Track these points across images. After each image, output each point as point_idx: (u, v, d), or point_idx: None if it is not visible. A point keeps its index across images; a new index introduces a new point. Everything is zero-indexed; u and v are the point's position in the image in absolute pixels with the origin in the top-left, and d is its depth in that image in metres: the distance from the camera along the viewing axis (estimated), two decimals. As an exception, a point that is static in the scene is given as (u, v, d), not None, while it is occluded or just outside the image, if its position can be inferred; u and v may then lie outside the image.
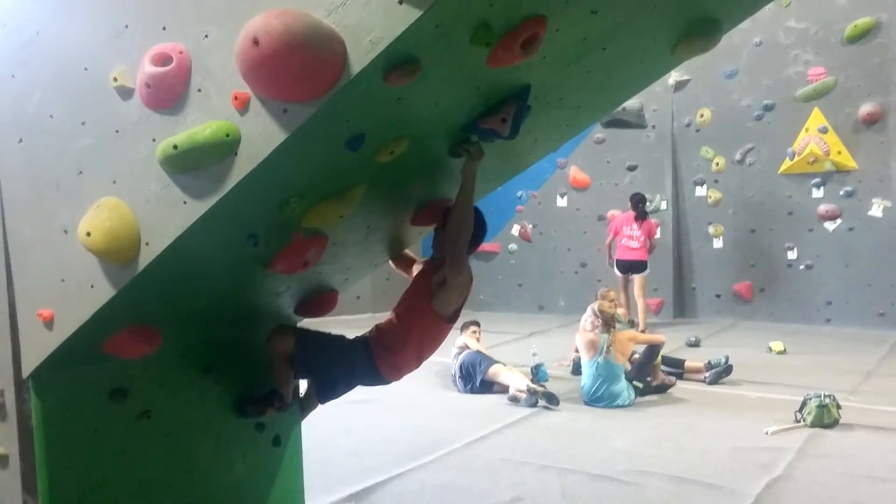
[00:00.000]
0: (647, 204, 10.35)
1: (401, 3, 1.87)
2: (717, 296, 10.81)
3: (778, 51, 10.11)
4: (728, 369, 6.82)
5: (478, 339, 7.41)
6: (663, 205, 11.04)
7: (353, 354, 3.37)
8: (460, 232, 3.05)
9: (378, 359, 3.32)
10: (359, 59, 1.95)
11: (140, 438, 2.97)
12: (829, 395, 5.37)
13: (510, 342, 9.02)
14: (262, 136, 2.09)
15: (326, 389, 3.59)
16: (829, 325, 9.81)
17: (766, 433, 5.15)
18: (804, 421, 5.31)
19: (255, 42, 1.92)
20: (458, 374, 6.85)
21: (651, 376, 6.40)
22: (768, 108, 10.26)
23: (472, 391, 6.68)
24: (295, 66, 1.92)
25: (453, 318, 3.38)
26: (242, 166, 2.13)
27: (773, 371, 7.21)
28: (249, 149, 2.11)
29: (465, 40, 2.11)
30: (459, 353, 7.02)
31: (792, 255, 10.20)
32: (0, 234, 2.58)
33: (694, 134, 10.88)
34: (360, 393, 6.42)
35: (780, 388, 6.46)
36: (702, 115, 10.75)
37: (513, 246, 12.18)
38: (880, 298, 9.58)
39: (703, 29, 2.91)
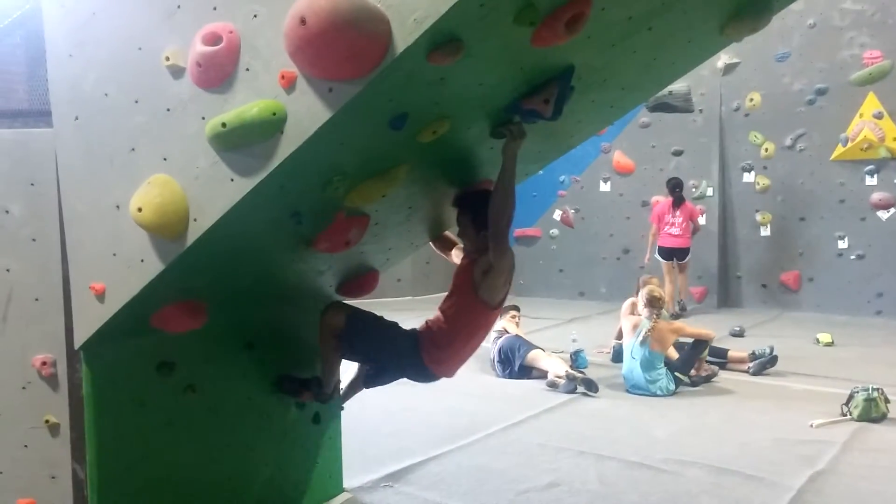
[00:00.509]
0: (693, 189, 10.20)
1: (446, -19, 1.87)
2: (763, 285, 10.58)
3: (832, 33, 9.80)
4: (773, 360, 6.69)
5: (517, 324, 7.39)
6: (709, 191, 10.82)
7: (401, 344, 3.33)
8: (503, 214, 3.01)
9: (425, 353, 3.28)
10: (403, 38, 1.96)
11: (185, 412, 3.05)
12: (878, 389, 5.24)
13: (550, 328, 8.99)
14: (307, 114, 2.12)
15: (373, 374, 3.62)
16: (879, 317, 9.54)
17: (811, 426, 5.05)
18: (850, 414, 5.19)
19: (303, 21, 1.94)
20: (496, 359, 6.85)
21: (694, 368, 6.32)
22: (821, 93, 9.95)
23: (511, 376, 6.69)
24: (341, 46, 1.94)
25: (500, 304, 3.34)
26: (288, 144, 2.16)
27: (819, 363, 7.05)
28: (295, 127, 2.14)
29: (510, 19, 2.10)
30: (498, 338, 7.02)
31: (842, 244, 9.92)
32: (56, 208, 2.67)
33: (742, 118, 10.63)
34: (399, 374, 6.56)
35: (826, 380, 6.31)
36: (751, 100, 10.48)
37: (554, 231, 12.09)
38: (934, 291, 9.28)
39: (754, 8, 2.85)
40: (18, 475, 2.77)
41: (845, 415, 5.22)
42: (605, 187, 11.73)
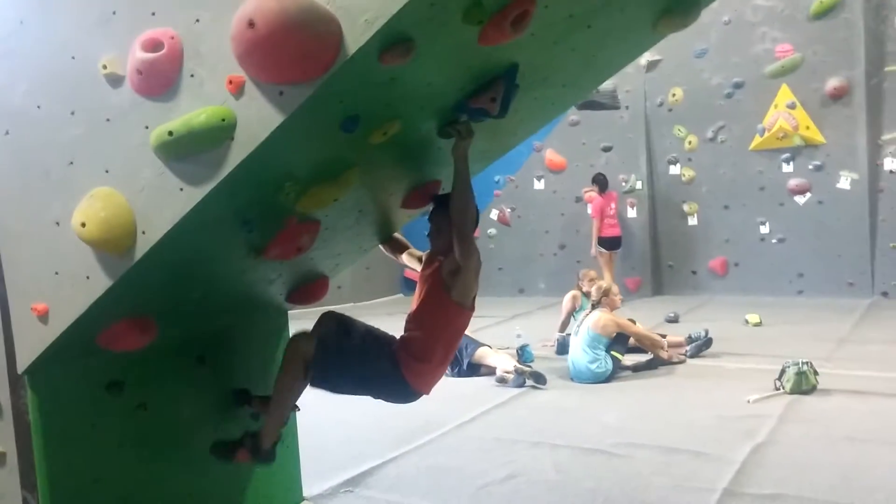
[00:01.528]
0: (623, 183, 10.63)
1: (396, -19, 1.88)
2: (693, 272, 10.97)
3: (746, 29, 10.24)
4: (708, 342, 6.95)
5: (462, 323, 7.44)
6: (638, 184, 11.16)
7: (381, 367, 3.16)
8: (465, 213, 3.01)
9: (406, 369, 3.16)
10: (355, 40, 1.95)
11: (137, 431, 2.96)
12: (807, 363, 5.50)
13: (493, 325, 9.08)
14: (258, 119, 2.08)
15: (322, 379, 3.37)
16: (801, 296, 10.02)
17: (748, 401, 5.27)
18: (783, 388, 5.44)
19: (251, 24, 1.91)
20: (443, 359, 6.87)
21: (665, 353, 6.56)
22: (738, 86, 10.39)
23: (459, 375, 6.72)
24: (291, 48, 1.92)
25: (473, 305, 3.27)
26: (239, 151, 2.13)
27: (750, 342, 7.36)
28: (246, 133, 2.11)
29: (458, 19, 2.12)
30: (444, 338, 7.04)
31: (764, 229, 10.38)
32: (-12, 228, 2.55)
33: (666, 113, 10.99)
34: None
35: (758, 358, 6.59)
36: (674, 95, 10.86)
37: (492, 230, 12.22)
38: (849, 269, 9.81)
39: (683, 5, 2.95)
40: (-39, 510, 2.64)
41: (778, 389, 5.47)
42: (539, 185, 11.94)
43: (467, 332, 6.98)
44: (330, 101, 2.13)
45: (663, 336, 7.06)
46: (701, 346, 6.93)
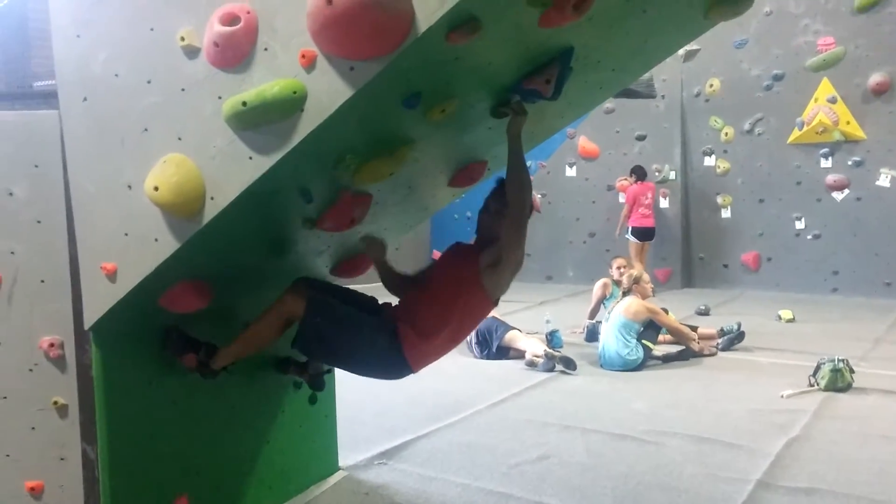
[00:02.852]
0: (656, 173, 10.65)
1: (469, -38, 1.94)
2: (725, 265, 10.92)
3: (788, 20, 10.12)
4: (740, 336, 6.95)
5: (492, 306, 7.51)
6: (672, 174, 11.11)
7: (375, 341, 2.96)
8: (522, 192, 2.90)
9: (407, 345, 2.95)
10: (426, 18, 2.01)
11: (189, 391, 3.08)
12: (843, 360, 5.50)
13: (521, 310, 9.14)
14: (328, 93, 2.16)
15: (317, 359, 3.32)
16: (835, 294, 9.95)
17: (782, 396, 5.28)
18: (818, 385, 5.44)
19: (329, 1, 1.98)
20: (474, 340, 6.96)
21: (697, 345, 6.60)
22: (778, 78, 10.28)
23: (489, 357, 6.81)
24: (366, 25, 1.99)
25: (498, 300, 3.14)
26: (308, 122, 2.20)
27: (783, 338, 7.34)
28: (316, 105, 2.18)
29: (523, 1, 2.18)
30: (475, 320, 7.13)
31: (800, 224, 10.30)
32: (62, 190, 2.66)
33: (703, 104, 10.91)
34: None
35: (791, 354, 6.59)
36: (711, 85, 10.78)
37: (521, 216, 12.24)
38: (886, 268, 9.71)
39: (737, -8, 2.97)
40: (26, 457, 2.77)
41: (813, 385, 5.47)
42: (570, 172, 11.93)
43: (496, 314, 7.19)
44: (397, 78, 2.20)
45: (694, 328, 7.07)
46: (733, 339, 6.93)
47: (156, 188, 2.38)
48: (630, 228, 10.22)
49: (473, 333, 6.95)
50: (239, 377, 3.33)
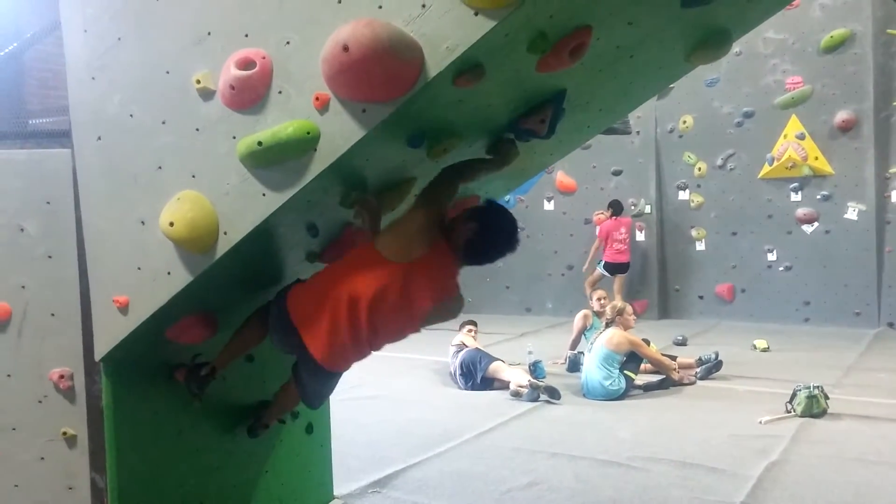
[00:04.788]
0: (632, 207, 10.94)
1: (476, 14, 2.09)
2: (700, 297, 11.15)
3: (757, 60, 10.51)
4: (718, 364, 7.11)
5: (474, 338, 7.62)
6: (647, 208, 11.37)
7: (273, 312, 2.83)
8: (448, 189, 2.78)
9: (291, 299, 2.77)
10: (435, 64, 2.16)
11: (192, 421, 3.14)
12: (818, 387, 5.68)
13: (502, 342, 9.25)
14: (341, 133, 2.29)
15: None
16: (807, 324, 10.19)
17: (760, 422, 5.44)
18: (795, 411, 5.61)
19: (345, 48, 2.12)
20: (458, 372, 7.04)
21: (676, 374, 6.76)
22: (748, 116, 10.64)
23: (474, 388, 6.88)
24: (380, 71, 2.13)
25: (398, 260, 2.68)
26: (321, 161, 2.33)
27: (759, 367, 7.53)
28: (328, 145, 2.31)
29: (524, 48, 2.34)
30: (458, 351, 7.23)
31: (772, 256, 10.58)
32: (73, 225, 2.75)
33: (677, 140, 11.24)
34: (365, 389, 6.69)
35: (767, 381, 6.76)
36: (684, 122, 11.11)
37: (501, 249, 12.40)
38: (856, 298, 9.99)
39: (716, 38, 3.17)
40: (35, 487, 2.81)
41: (790, 412, 5.64)
42: (549, 206, 12.15)
43: (480, 346, 7.29)
44: (405, 119, 2.34)
45: (673, 358, 7.23)
46: (711, 368, 7.09)
47: (171, 224, 2.48)
48: (603, 263, 10.44)
49: (458, 365, 7.04)
50: (240, 408, 3.40)
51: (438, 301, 2.77)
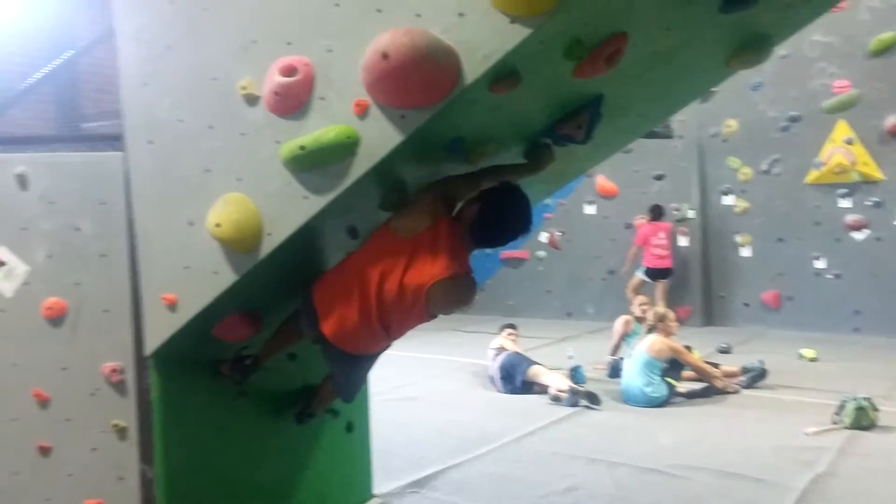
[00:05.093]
0: (674, 212, 10.85)
1: (512, 22, 2.14)
2: (746, 304, 10.96)
3: (803, 63, 10.31)
4: (763, 373, 6.99)
5: (514, 342, 7.63)
6: (690, 213, 11.24)
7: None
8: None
9: (316, 286, 2.85)
10: (472, 71, 2.22)
11: (236, 416, 3.25)
12: (867, 398, 5.54)
13: (542, 346, 9.22)
14: (380, 138, 2.36)
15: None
16: (857, 333, 9.93)
17: (806, 433, 5.33)
18: (842, 422, 5.47)
19: (385, 56, 2.19)
20: (498, 375, 7.07)
21: (720, 381, 6.66)
22: (794, 120, 10.45)
23: (513, 391, 6.90)
24: (418, 78, 2.19)
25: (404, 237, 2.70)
26: (361, 165, 2.41)
27: (806, 376, 7.37)
28: (368, 150, 2.39)
29: (560, 55, 2.38)
30: (497, 355, 7.25)
31: (820, 264, 10.34)
32: (125, 226, 2.87)
33: (720, 144, 11.08)
34: (405, 390, 6.77)
35: (814, 392, 6.62)
36: (728, 126, 10.95)
37: (541, 253, 12.40)
38: (908, 308, 9.72)
39: (756, 44, 3.16)
40: (87, 477, 2.94)
41: (837, 423, 5.51)
42: (589, 210, 12.09)
43: (520, 350, 7.31)
44: (443, 125, 2.40)
45: (716, 366, 7.13)
46: (756, 377, 6.98)
47: (217, 225, 2.58)
48: (643, 268, 10.37)
49: (497, 368, 7.07)
50: (282, 405, 3.49)
51: (443, 275, 2.65)
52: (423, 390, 6.97)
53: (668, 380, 6.41)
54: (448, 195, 2.73)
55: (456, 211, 2.79)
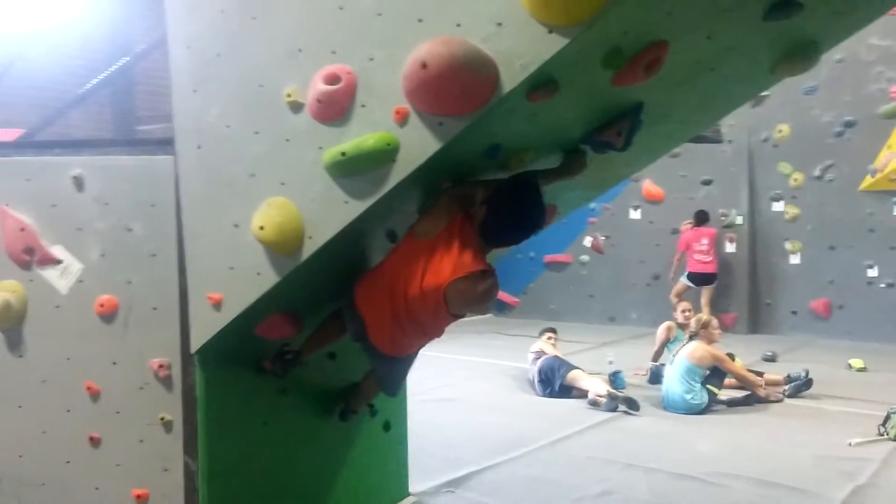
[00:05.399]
0: (722, 217, 10.68)
1: (550, 32, 2.17)
2: (794, 312, 10.72)
3: (859, 67, 10.04)
4: (808, 383, 6.85)
5: (553, 346, 7.62)
6: (738, 219, 11.05)
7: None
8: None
9: (357, 287, 2.93)
10: (510, 80, 2.25)
11: (278, 413, 3.33)
12: (915, 410, 5.40)
13: (583, 351, 9.17)
14: (419, 145, 2.41)
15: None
16: (911, 344, 9.65)
17: (849, 444, 5.22)
18: (888, 434, 5.35)
19: (424, 66, 2.24)
20: (536, 378, 7.07)
21: (762, 390, 6.57)
22: (849, 125, 10.18)
23: (552, 395, 6.89)
24: (456, 87, 2.24)
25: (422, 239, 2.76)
26: (400, 171, 2.47)
27: (853, 387, 7.19)
28: (407, 156, 2.44)
29: (598, 63, 2.40)
30: (537, 358, 7.25)
31: (872, 272, 10.06)
32: (175, 227, 2.98)
33: (771, 149, 10.86)
34: (444, 392, 6.83)
35: (860, 403, 6.46)
36: (780, 131, 10.73)
37: (585, 257, 12.32)
38: (965, 319, 9.39)
39: (804, 50, 3.11)
40: (134, 467, 3.06)
41: (882, 434, 5.38)
42: (635, 215, 11.97)
43: (560, 354, 7.30)
44: (481, 132, 2.44)
45: (760, 374, 7.01)
46: (801, 386, 6.84)
47: (261, 227, 2.66)
48: (686, 273, 10.25)
49: (536, 371, 7.07)
50: (322, 403, 3.58)
51: (458, 274, 2.67)
52: (461, 392, 7.01)
53: (709, 387, 6.33)
54: (465, 195, 2.75)
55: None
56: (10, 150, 3.36)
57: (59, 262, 3.10)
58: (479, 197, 2.75)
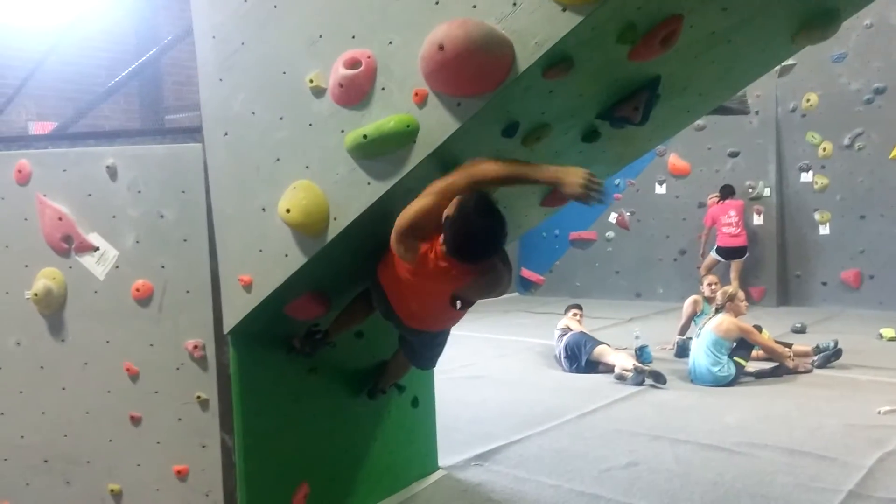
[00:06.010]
0: (749, 190, 10.56)
1: (564, 10, 2.20)
2: (824, 283, 10.62)
3: (890, 33, 9.83)
4: (837, 353, 6.82)
5: (579, 322, 7.66)
6: (766, 191, 10.93)
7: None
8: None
9: (379, 269, 3.02)
10: (525, 59, 2.29)
11: (308, 391, 3.44)
12: (945, 378, 5.37)
13: (609, 327, 9.21)
14: (438, 126, 2.47)
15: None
16: (944, 313, 9.52)
17: (878, 412, 5.22)
18: (918, 403, 5.34)
19: (441, 47, 2.29)
20: (563, 354, 7.13)
21: (791, 362, 6.57)
22: (879, 92, 9.99)
23: (578, 371, 6.95)
24: (473, 67, 2.29)
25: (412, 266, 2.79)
26: (420, 152, 2.52)
27: (883, 356, 7.15)
28: (427, 137, 2.50)
29: (613, 39, 2.43)
30: (563, 335, 7.31)
31: (904, 241, 9.93)
32: (205, 212, 3.07)
33: (799, 119, 10.70)
34: (472, 369, 6.92)
35: (891, 372, 6.44)
36: (808, 100, 10.56)
37: (610, 233, 12.30)
38: None
39: (823, 18, 3.11)
40: (173, 445, 3.19)
41: (912, 403, 5.37)
42: (660, 189, 11.90)
43: (586, 330, 7.34)
44: (498, 111, 2.49)
45: (788, 345, 6.99)
46: (829, 356, 6.82)
47: (288, 210, 2.74)
48: (715, 247, 10.20)
49: (563, 348, 7.13)
50: (351, 380, 3.68)
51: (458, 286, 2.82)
52: (489, 369, 7.10)
53: (736, 359, 6.34)
54: (416, 226, 2.67)
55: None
56: (46, 142, 3.48)
57: (95, 249, 3.22)
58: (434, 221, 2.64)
